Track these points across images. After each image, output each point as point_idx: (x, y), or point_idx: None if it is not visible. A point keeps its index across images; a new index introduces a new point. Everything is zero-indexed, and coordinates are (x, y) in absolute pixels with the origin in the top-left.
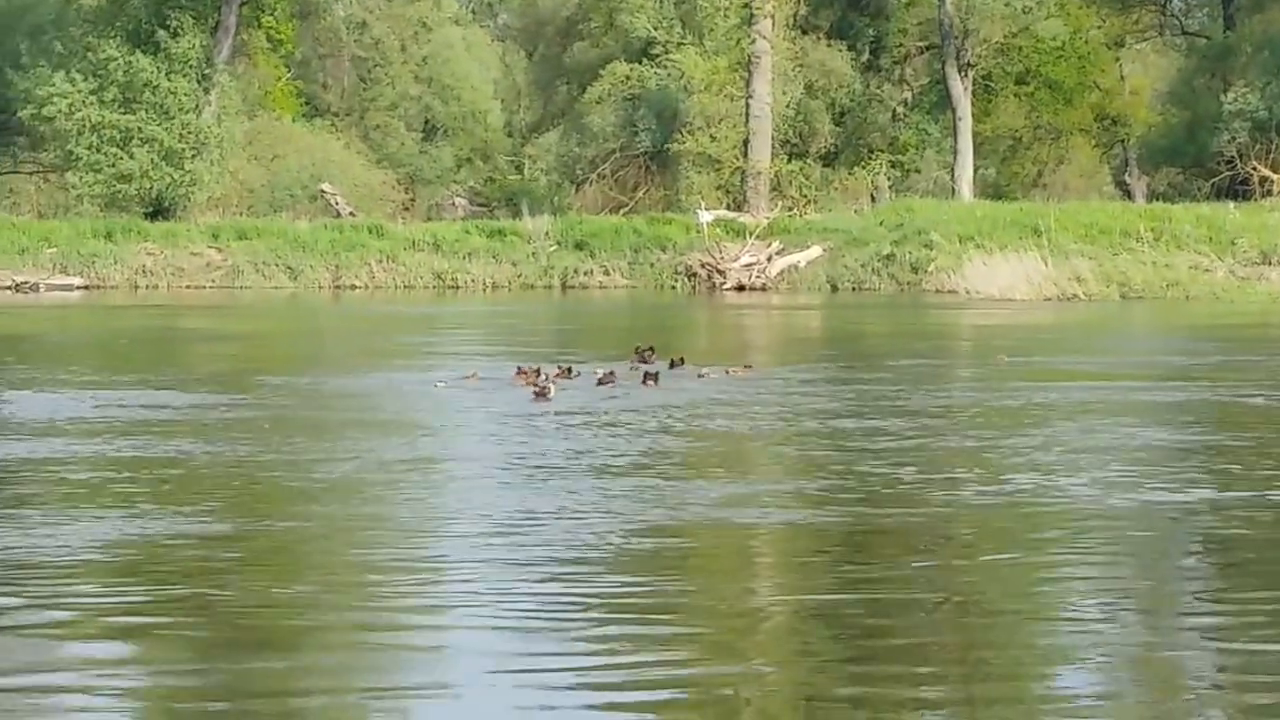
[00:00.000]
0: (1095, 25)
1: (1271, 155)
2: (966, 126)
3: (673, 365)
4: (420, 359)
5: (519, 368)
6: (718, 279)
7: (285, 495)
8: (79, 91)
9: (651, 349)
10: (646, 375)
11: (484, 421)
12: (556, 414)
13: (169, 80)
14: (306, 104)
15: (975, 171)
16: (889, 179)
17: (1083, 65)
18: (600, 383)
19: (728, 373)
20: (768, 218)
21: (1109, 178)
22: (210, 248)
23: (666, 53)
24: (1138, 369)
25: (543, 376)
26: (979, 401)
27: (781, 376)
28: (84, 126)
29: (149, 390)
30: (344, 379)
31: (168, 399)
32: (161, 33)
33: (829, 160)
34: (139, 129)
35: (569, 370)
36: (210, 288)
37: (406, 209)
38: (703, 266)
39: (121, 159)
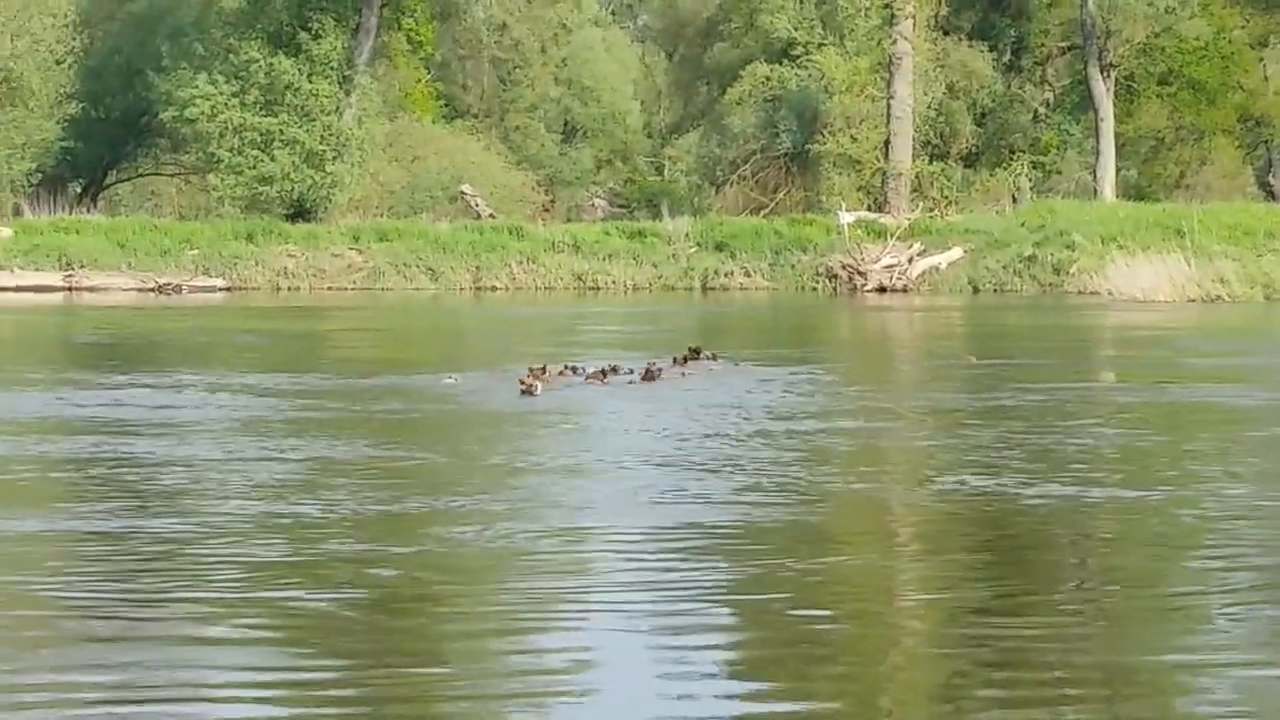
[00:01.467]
0: (1239, 25)
1: None
2: (1108, 127)
3: (710, 357)
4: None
5: (529, 368)
6: (858, 280)
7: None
8: (220, 94)
9: (699, 349)
10: (648, 372)
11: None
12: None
13: (310, 82)
14: (446, 106)
15: (1117, 172)
16: (1030, 180)
17: (1226, 66)
18: (588, 380)
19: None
20: (909, 219)
21: (1252, 179)
22: (351, 249)
23: (807, 53)
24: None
25: (546, 374)
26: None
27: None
28: (225, 129)
29: (303, 383)
30: (487, 378)
31: (325, 392)
32: (303, 35)
33: (970, 161)
34: (280, 131)
35: (573, 369)
36: (351, 289)
37: (546, 210)
38: (843, 268)
39: (263, 161)
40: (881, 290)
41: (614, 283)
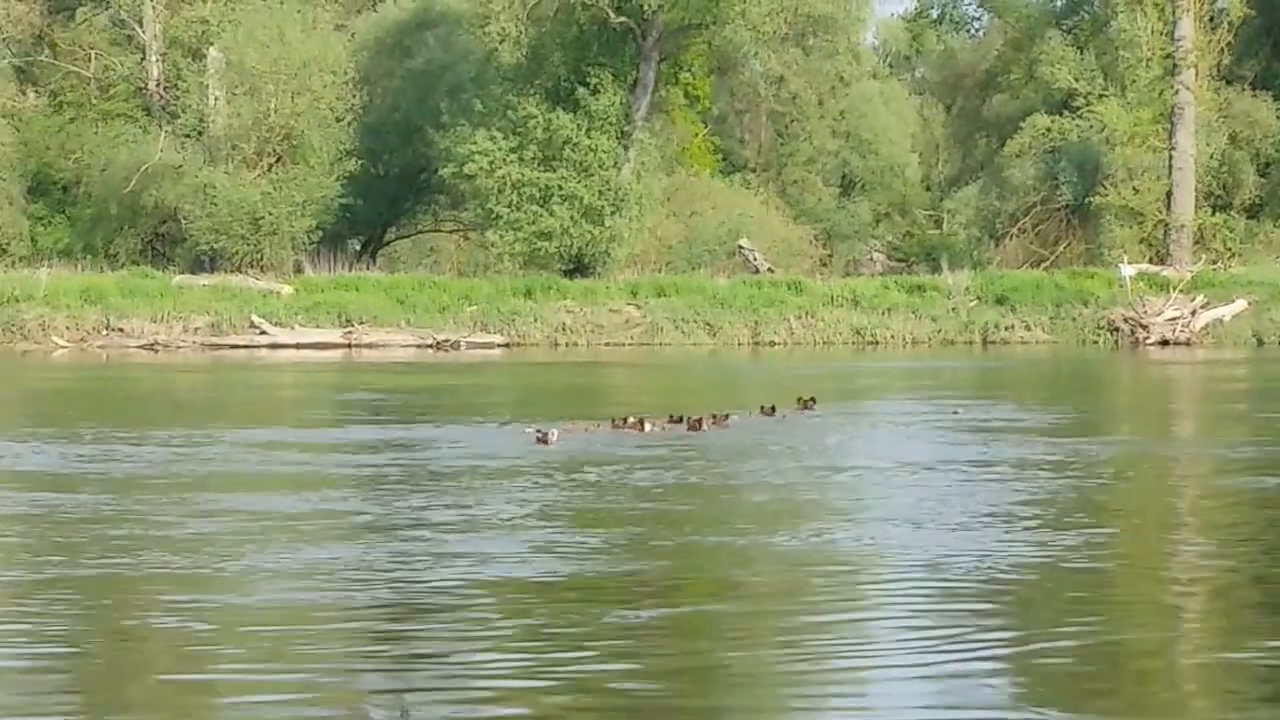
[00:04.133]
0: None
1: None
2: None
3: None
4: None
5: (613, 420)
6: (1140, 334)
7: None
8: (499, 149)
9: (814, 399)
10: (690, 423)
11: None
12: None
13: (589, 137)
14: (724, 160)
15: None
16: None
17: None
18: (614, 428)
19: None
20: (1191, 271)
21: None
22: (629, 305)
23: (1088, 105)
24: None
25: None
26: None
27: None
28: (504, 184)
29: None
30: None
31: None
32: (581, 90)
33: (1253, 212)
34: (559, 186)
35: (680, 419)
36: (629, 345)
37: (824, 265)
38: (1125, 321)
39: (541, 216)
40: (1164, 343)
41: (893, 337)
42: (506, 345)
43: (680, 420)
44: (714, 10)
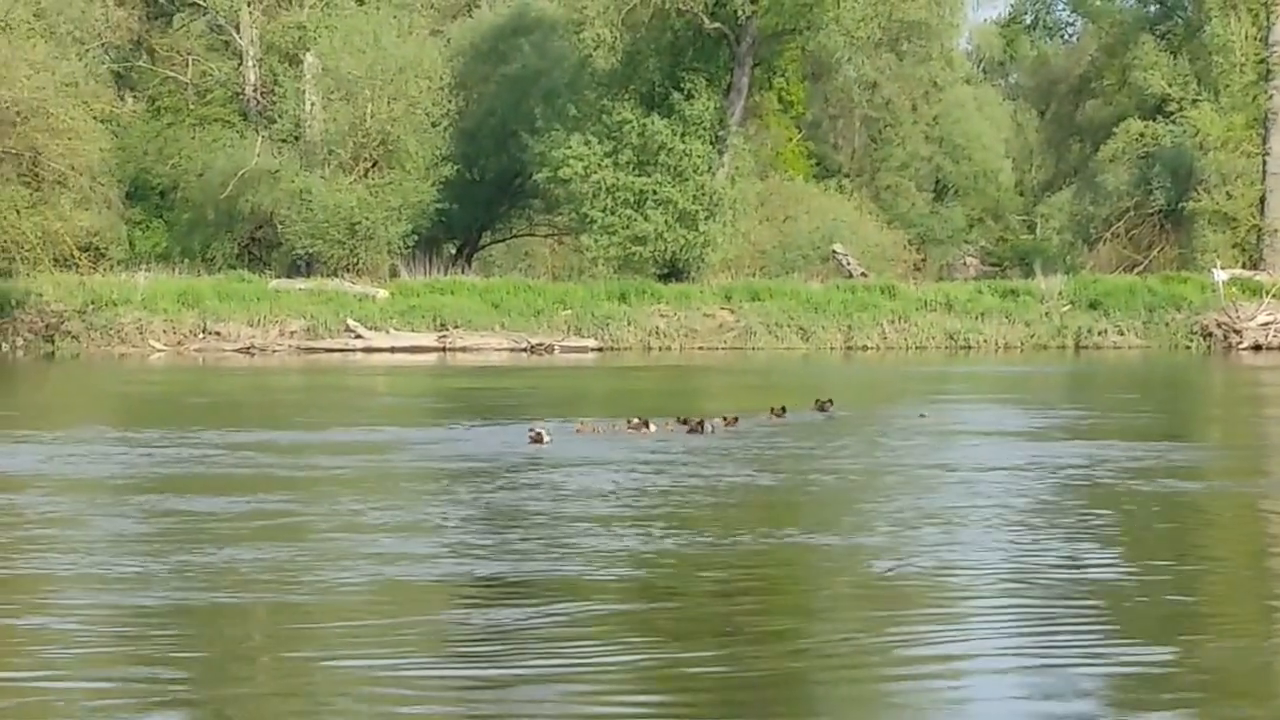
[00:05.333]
0: None
1: None
2: None
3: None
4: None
5: (628, 420)
6: (1233, 339)
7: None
8: (594, 154)
9: (831, 401)
10: (691, 425)
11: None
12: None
13: (683, 142)
14: (817, 164)
15: None
16: None
17: None
18: (629, 428)
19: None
20: None
21: None
22: (723, 309)
23: (1181, 110)
24: None
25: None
26: None
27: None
28: (599, 189)
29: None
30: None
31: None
32: (675, 95)
33: None
34: (653, 191)
35: (699, 423)
36: (722, 349)
37: (918, 269)
38: (1218, 326)
39: (636, 221)
40: (1257, 348)
41: (985, 341)
42: (600, 349)
43: (685, 421)
44: (808, 15)
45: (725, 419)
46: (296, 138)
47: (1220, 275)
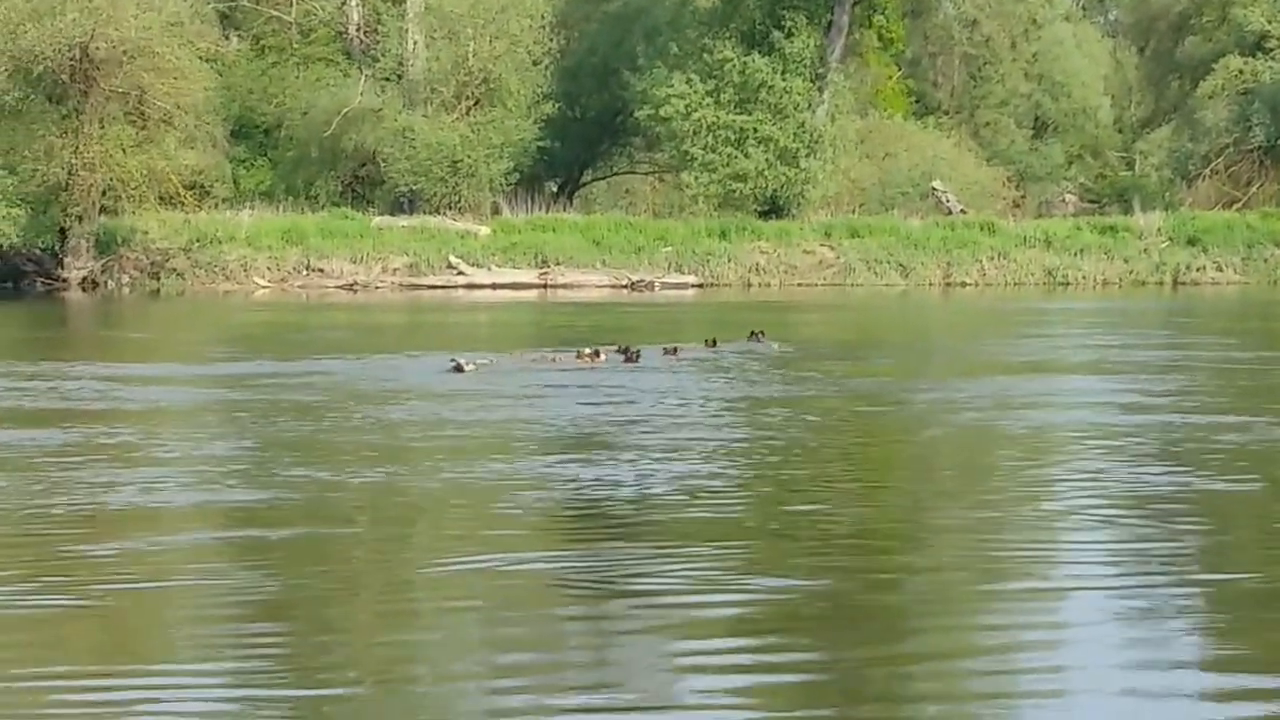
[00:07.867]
0: None
1: None
2: None
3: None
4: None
5: (577, 350)
6: None
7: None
8: (695, 92)
9: (763, 332)
10: (627, 355)
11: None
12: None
13: (784, 80)
14: (917, 102)
15: None
16: None
17: None
18: (578, 358)
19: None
20: None
21: None
22: (822, 246)
23: None
24: None
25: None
26: None
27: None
28: (700, 127)
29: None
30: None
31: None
32: (776, 33)
33: None
34: (754, 129)
35: (632, 351)
36: (822, 285)
37: (1017, 206)
38: None
39: (736, 158)
40: None
41: (1084, 278)
42: (700, 286)
43: (623, 351)
44: None
45: (665, 349)
46: (399, 76)
47: None
